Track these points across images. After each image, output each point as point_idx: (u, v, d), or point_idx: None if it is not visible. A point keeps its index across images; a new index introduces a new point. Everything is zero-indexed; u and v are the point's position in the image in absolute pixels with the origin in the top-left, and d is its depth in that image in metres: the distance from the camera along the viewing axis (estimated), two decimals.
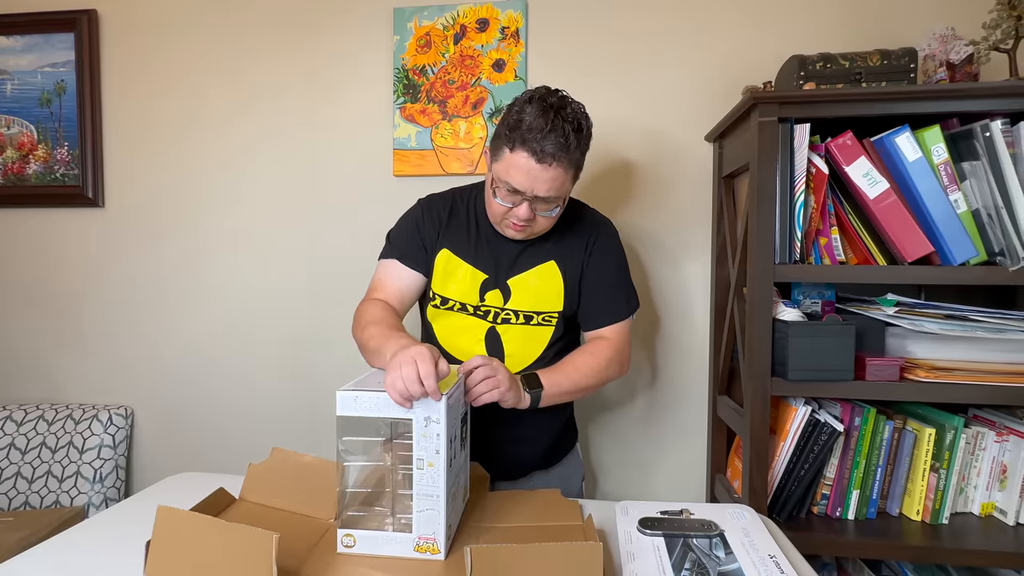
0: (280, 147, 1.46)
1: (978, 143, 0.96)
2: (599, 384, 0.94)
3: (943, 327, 0.96)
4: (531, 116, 0.80)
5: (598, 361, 0.92)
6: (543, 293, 0.94)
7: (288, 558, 0.62)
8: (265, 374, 1.49)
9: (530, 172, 0.81)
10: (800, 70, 1.01)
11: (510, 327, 0.93)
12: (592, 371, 0.91)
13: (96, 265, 1.53)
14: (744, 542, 0.68)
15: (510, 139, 0.82)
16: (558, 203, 0.88)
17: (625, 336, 0.98)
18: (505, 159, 0.83)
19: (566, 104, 0.83)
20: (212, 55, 1.47)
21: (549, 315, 0.94)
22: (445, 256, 0.95)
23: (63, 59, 1.50)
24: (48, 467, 1.43)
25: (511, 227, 0.89)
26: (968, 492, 1.06)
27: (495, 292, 0.94)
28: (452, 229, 0.96)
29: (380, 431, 0.65)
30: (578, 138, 0.82)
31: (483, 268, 0.94)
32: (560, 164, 0.81)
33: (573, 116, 0.82)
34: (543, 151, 0.79)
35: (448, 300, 0.95)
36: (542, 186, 0.82)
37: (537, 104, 0.81)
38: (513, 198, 0.85)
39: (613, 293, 0.97)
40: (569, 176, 0.85)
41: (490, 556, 0.56)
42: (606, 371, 0.93)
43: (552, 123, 0.79)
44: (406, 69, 1.39)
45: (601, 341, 0.96)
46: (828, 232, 1.01)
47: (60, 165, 1.52)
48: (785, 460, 1.02)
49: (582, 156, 0.86)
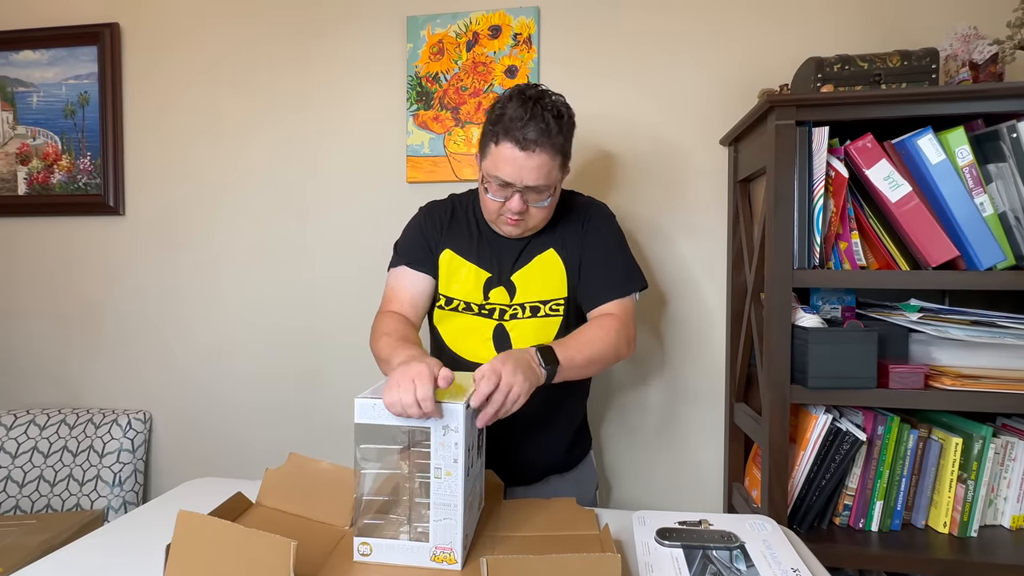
0: (294, 154, 1.48)
1: (1004, 144, 0.93)
2: (609, 359, 0.88)
3: (970, 334, 0.93)
4: (512, 108, 0.83)
5: (607, 333, 0.87)
6: (546, 281, 0.94)
7: (304, 565, 0.63)
8: (282, 381, 1.50)
9: (516, 161, 0.83)
10: (818, 72, 1.00)
11: (518, 323, 0.93)
12: (603, 343, 0.86)
13: (116, 272, 1.56)
14: (766, 554, 0.67)
15: (494, 133, 0.85)
16: (549, 192, 0.88)
17: (630, 312, 0.93)
18: (492, 154, 0.86)
19: (544, 95, 0.85)
20: (228, 65, 1.50)
21: (555, 303, 0.93)
22: (448, 256, 0.96)
23: (87, 71, 1.54)
24: (69, 471, 1.46)
25: (507, 223, 0.90)
26: (998, 504, 1.03)
27: (499, 289, 0.94)
28: (453, 231, 0.98)
29: (397, 439, 0.65)
30: (559, 124, 0.84)
31: (486, 267, 0.95)
32: (544, 150, 0.83)
33: (552, 105, 0.84)
34: (526, 139, 0.82)
35: (453, 300, 0.95)
36: (530, 174, 0.84)
37: (517, 97, 0.84)
38: (504, 192, 0.87)
39: (612, 269, 0.94)
40: (556, 163, 0.86)
41: (507, 568, 0.56)
42: (615, 346, 0.87)
43: (532, 111, 0.82)
44: (419, 76, 1.40)
45: (605, 316, 0.91)
46: (848, 236, 0.99)
47: (83, 174, 1.56)
48: (805, 470, 1.00)
49: (566, 142, 0.87)
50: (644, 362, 1.37)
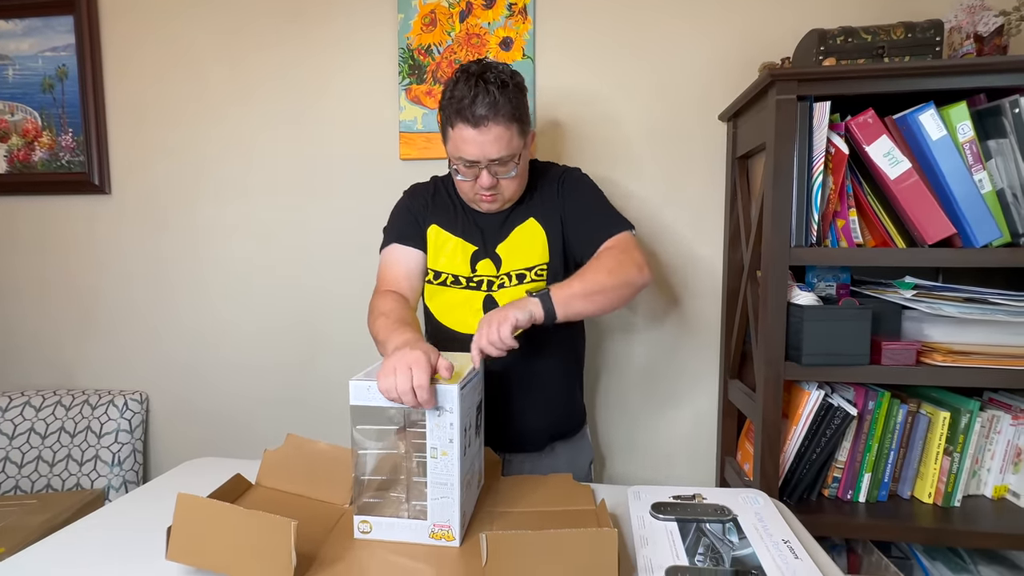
0: (284, 131, 1.44)
1: (1006, 119, 0.92)
2: (619, 285, 0.83)
3: (962, 310, 0.94)
4: (459, 89, 0.84)
5: (605, 263, 0.85)
6: (528, 249, 0.95)
7: (306, 543, 0.64)
8: (276, 359, 1.50)
9: (473, 140, 0.85)
10: (820, 45, 0.97)
11: (505, 291, 0.95)
12: (603, 271, 0.83)
13: (105, 251, 1.54)
14: (758, 527, 0.69)
15: (447, 117, 0.87)
16: (515, 161, 0.89)
17: (629, 242, 0.90)
18: (451, 137, 0.88)
19: (488, 68, 0.86)
20: (212, 37, 1.44)
21: (539, 269, 0.95)
22: (435, 231, 0.98)
23: (64, 43, 1.48)
24: (68, 451, 1.46)
25: (483, 199, 0.92)
26: (981, 475, 1.06)
27: (486, 261, 0.96)
28: (438, 208, 1.00)
29: (394, 419, 0.65)
30: (504, 93, 0.84)
31: (471, 240, 0.97)
32: (496, 122, 0.84)
33: (496, 77, 0.84)
34: (476, 115, 0.83)
35: (441, 274, 0.97)
36: (491, 148, 0.85)
37: (461, 77, 0.85)
38: (472, 171, 0.88)
39: (598, 216, 0.94)
40: (513, 131, 0.86)
41: (506, 543, 0.57)
42: (620, 270, 0.83)
43: (476, 88, 0.83)
44: (411, 49, 1.36)
45: (605, 250, 0.89)
46: (846, 214, 0.99)
47: (65, 152, 1.51)
48: (797, 444, 1.02)
49: (516, 109, 0.86)
50: (639, 339, 1.38)
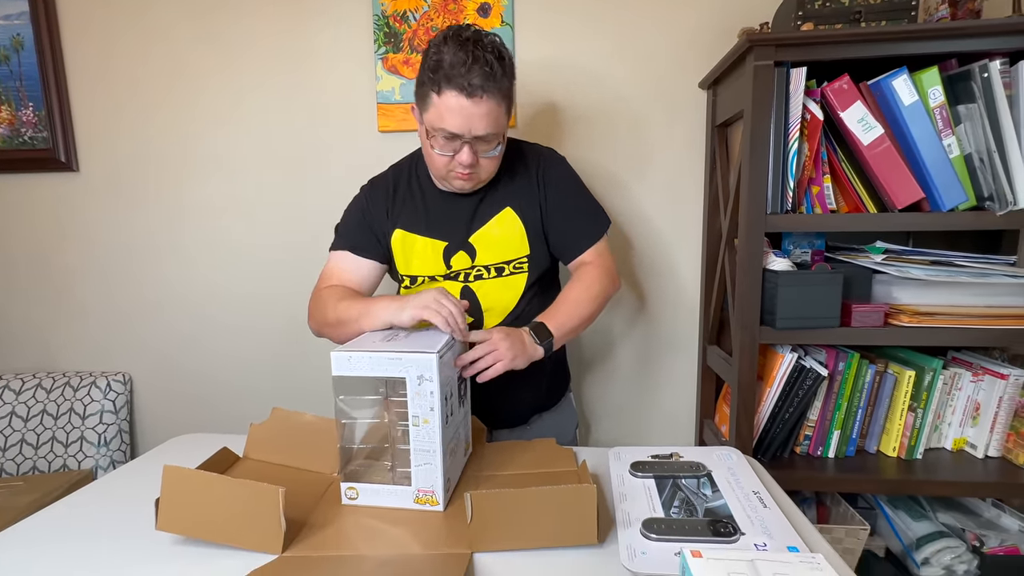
0: (259, 103, 1.40)
1: (975, 84, 0.94)
2: (600, 308, 0.93)
3: (929, 273, 0.98)
4: (450, 54, 0.77)
5: (591, 287, 0.91)
6: (507, 242, 0.93)
7: (295, 509, 0.65)
8: (259, 337, 1.49)
9: (463, 110, 0.78)
10: (798, 9, 0.97)
11: (483, 282, 0.93)
12: (590, 298, 0.90)
13: (76, 231, 1.50)
14: (730, 480, 0.72)
15: (435, 82, 0.78)
16: (498, 140, 0.84)
17: (606, 253, 0.97)
18: (435, 105, 0.80)
19: (481, 36, 0.79)
20: (179, 2, 1.37)
21: (519, 262, 0.94)
22: (400, 236, 0.94)
23: (17, 10, 1.40)
24: (52, 433, 1.45)
25: (458, 177, 0.86)
26: (942, 429, 1.12)
27: (460, 255, 0.93)
28: (399, 206, 0.94)
29: (377, 389, 0.66)
30: (502, 66, 0.79)
31: (440, 236, 0.93)
32: (491, 95, 0.78)
33: (492, 46, 0.79)
34: (471, 84, 0.77)
35: (417, 278, 0.95)
36: (479, 123, 0.79)
37: (453, 41, 0.78)
38: (452, 145, 0.82)
39: (580, 217, 0.96)
40: (502, 109, 0.82)
41: (490, 501, 0.59)
42: (602, 294, 0.93)
43: (473, 55, 0.76)
44: (386, 16, 1.32)
45: (586, 267, 0.94)
46: (820, 180, 1.01)
47: (27, 127, 1.45)
48: (771, 405, 1.06)
49: (510, 86, 0.83)
50: (622, 308, 1.40)
